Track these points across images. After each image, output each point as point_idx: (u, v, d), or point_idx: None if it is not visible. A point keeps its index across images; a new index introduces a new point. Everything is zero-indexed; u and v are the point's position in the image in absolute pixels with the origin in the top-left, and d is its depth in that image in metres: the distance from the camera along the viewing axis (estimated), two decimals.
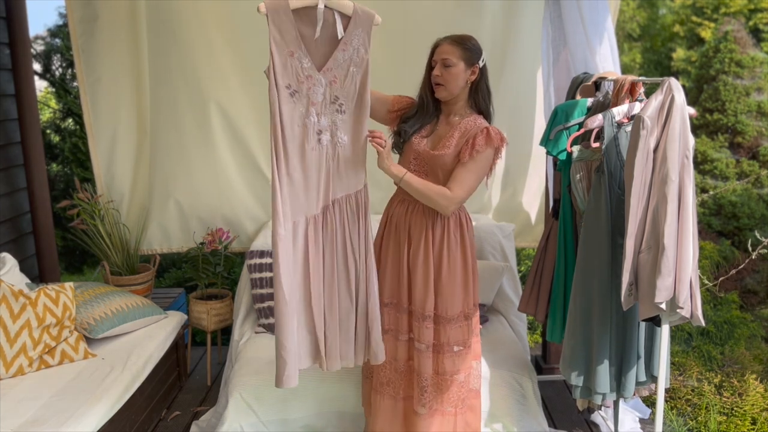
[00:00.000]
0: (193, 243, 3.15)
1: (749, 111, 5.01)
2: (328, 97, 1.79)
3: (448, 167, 1.90)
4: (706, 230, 4.72)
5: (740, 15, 6.14)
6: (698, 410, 2.72)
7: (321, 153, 1.80)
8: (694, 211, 1.87)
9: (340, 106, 1.81)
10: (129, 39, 3.04)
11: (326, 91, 1.78)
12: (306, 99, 1.76)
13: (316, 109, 1.77)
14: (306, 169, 1.79)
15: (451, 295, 1.94)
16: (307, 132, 1.77)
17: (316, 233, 1.83)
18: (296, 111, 1.75)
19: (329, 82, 1.78)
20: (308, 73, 1.75)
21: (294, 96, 1.74)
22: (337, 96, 1.80)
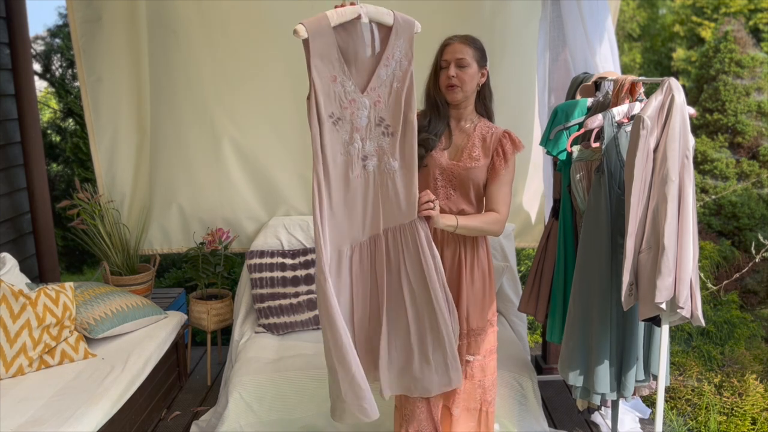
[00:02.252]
0: (194, 243, 3.15)
1: (749, 111, 5.01)
2: (373, 120, 1.64)
3: (480, 179, 1.85)
4: (706, 230, 4.72)
5: (740, 15, 6.14)
6: (698, 410, 2.72)
7: (367, 180, 1.66)
8: (694, 211, 1.87)
9: (386, 128, 1.65)
10: (130, 39, 3.04)
11: (371, 114, 1.63)
12: (349, 125, 1.61)
13: (361, 135, 1.63)
14: (351, 199, 1.65)
15: (481, 308, 1.91)
16: (351, 160, 1.63)
17: (362, 260, 1.69)
18: (339, 139, 1.61)
19: (373, 103, 1.63)
20: (351, 96, 1.60)
21: (337, 124, 1.60)
22: (383, 117, 1.65)
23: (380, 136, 1.66)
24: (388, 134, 1.66)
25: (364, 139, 1.64)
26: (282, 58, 3.00)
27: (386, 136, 1.66)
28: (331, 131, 1.59)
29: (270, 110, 3.12)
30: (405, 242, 1.68)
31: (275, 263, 2.95)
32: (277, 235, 3.11)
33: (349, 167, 1.63)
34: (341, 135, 1.61)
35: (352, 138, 1.62)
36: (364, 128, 1.63)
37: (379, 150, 1.66)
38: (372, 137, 1.65)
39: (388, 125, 1.65)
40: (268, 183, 3.22)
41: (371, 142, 1.65)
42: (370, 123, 1.64)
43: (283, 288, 2.88)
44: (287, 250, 3.04)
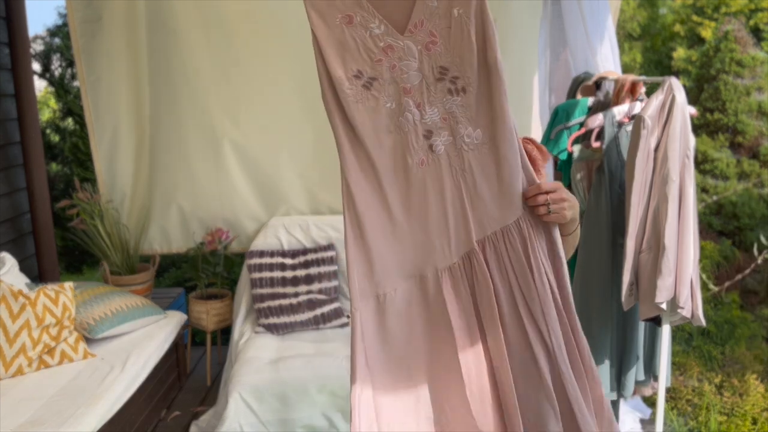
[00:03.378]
0: (193, 243, 3.15)
1: (750, 110, 5.01)
2: (430, 72, 1.11)
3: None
4: (706, 230, 4.71)
5: (741, 14, 6.13)
6: (699, 410, 2.72)
7: (439, 167, 1.13)
8: (695, 210, 1.87)
9: (453, 81, 1.11)
10: (130, 39, 3.04)
11: (423, 64, 1.10)
12: (393, 86, 1.11)
13: (414, 99, 1.11)
14: (418, 200, 1.13)
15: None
16: (407, 139, 1.12)
17: (458, 292, 1.15)
18: (380, 111, 1.11)
19: (424, 47, 1.10)
20: (386, 41, 1.09)
21: (371, 87, 1.10)
22: (445, 67, 1.10)
23: (446, 95, 1.12)
24: (458, 91, 1.12)
25: (420, 105, 1.11)
26: (282, 58, 2.99)
27: (455, 94, 1.12)
28: (364, 100, 1.10)
29: (270, 110, 3.12)
30: (512, 256, 1.14)
31: (275, 263, 2.94)
32: (277, 235, 3.10)
33: (406, 151, 1.12)
34: (382, 103, 1.11)
35: (402, 105, 1.11)
36: (417, 88, 1.11)
37: (448, 118, 1.12)
38: (433, 99, 1.12)
39: (456, 77, 1.10)
40: (268, 183, 3.22)
41: (433, 107, 1.12)
42: (426, 78, 1.11)
43: (282, 288, 2.87)
44: (287, 250, 3.03)
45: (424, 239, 1.15)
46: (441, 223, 1.14)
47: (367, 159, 1.12)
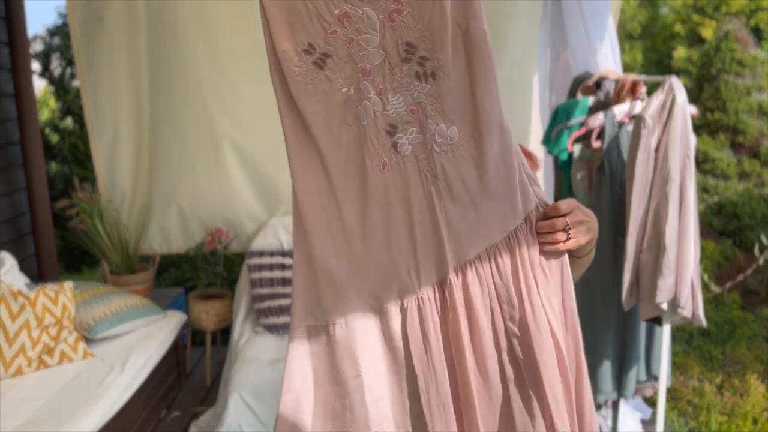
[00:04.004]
0: (193, 243, 3.15)
1: (750, 110, 5.00)
2: (394, 50, 0.86)
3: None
4: (707, 230, 4.71)
5: (741, 14, 6.13)
6: (699, 410, 2.71)
7: (404, 171, 0.89)
8: (695, 210, 1.86)
9: (421, 63, 0.86)
10: (130, 39, 3.04)
11: (386, 39, 0.85)
12: (350, 65, 0.86)
13: (375, 83, 0.87)
14: (376, 214, 0.90)
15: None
16: (365, 134, 0.88)
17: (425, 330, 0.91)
18: (335, 96, 0.87)
19: (388, 17, 0.85)
20: (342, 8, 0.85)
21: (324, 66, 0.86)
22: (412, 43, 0.85)
23: (413, 81, 0.86)
24: (427, 76, 0.86)
25: (382, 92, 0.87)
26: None
27: (423, 79, 0.86)
28: (315, 82, 0.86)
29: (270, 109, 3.09)
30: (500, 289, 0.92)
31: (275, 263, 2.94)
32: (277, 235, 3.10)
33: (364, 150, 0.88)
34: (337, 87, 0.86)
35: (361, 90, 0.86)
36: (378, 69, 0.86)
37: (416, 110, 0.87)
38: (398, 86, 0.87)
39: (424, 57, 0.85)
40: (267, 183, 3.22)
41: (398, 95, 0.87)
42: (389, 57, 0.86)
43: (282, 288, 2.87)
44: (287, 250, 3.03)
45: (386, 262, 0.90)
46: (406, 244, 0.90)
47: (317, 157, 0.88)
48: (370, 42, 0.86)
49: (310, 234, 0.90)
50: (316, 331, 0.93)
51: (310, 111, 0.87)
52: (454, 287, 0.91)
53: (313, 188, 0.90)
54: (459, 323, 0.90)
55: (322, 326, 0.93)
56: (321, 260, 0.90)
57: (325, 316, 0.92)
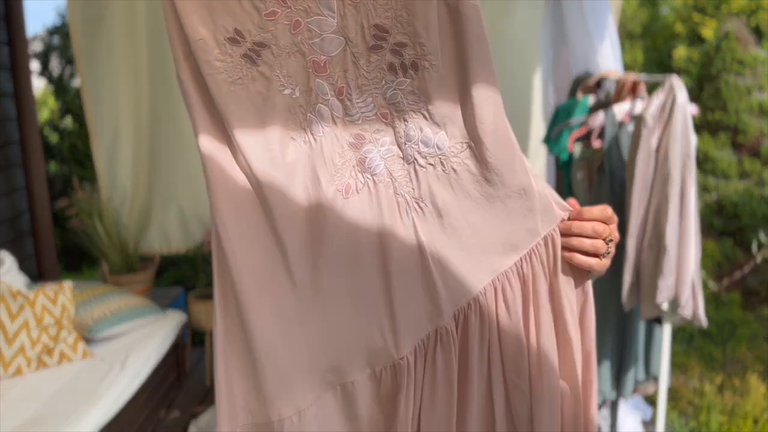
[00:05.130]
0: (193, 243, 3.15)
1: (751, 110, 5.00)
2: (359, 36, 0.65)
3: None
4: (707, 230, 4.70)
5: (742, 14, 6.12)
6: (699, 411, 2.71)
7: (376, 197, 0.69)
8: (696, 210, 1.86)
9: (398, 51, 0.66)
10: (130, 38, 3.03)
11: (348, 21, 0.65)
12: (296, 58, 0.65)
13: (332, 80, 0.66)
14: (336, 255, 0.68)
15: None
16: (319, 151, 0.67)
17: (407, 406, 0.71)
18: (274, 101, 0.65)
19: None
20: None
21: (258, 60, 0.64)
22: (383, 26, 0.65)
23: (385, 75, 0.67)
24: (406, 67, 0.66)
25: (344, 92, 0.67)
26: None
27: (401, 72, 0.66)
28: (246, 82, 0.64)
29: None
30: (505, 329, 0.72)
31: None
32: None
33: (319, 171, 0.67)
34: (277, 88, 0.65)
35: (312, 91, 0.66)
36: (337, 62, 0.66)
37: (390, 113, 0.68)
38: (365, 82, 0.67)
39: (402, 44, 0.65)
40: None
41: (365, 95, 0.67)
42: (352, 46, 0.66)
43: None
44: None
45: (350, 323, 0.68)
46: (379, 295, 0.68)
47: (252, 184, 0.64)
48: (324, 26, 0.63)
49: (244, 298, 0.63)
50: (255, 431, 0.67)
51: (240, 122, 0.62)
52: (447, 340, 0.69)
53: (246, 231, 0.64)
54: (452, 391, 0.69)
55: (263, 425, 0.66)
56: (259, 334, 0.64)
57: (265, 410, 0.66)
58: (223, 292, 0.66)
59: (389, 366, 0.69)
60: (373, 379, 0.69)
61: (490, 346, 0.71)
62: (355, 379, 0.69)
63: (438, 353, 0.70)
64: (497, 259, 0.70)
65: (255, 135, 0.64)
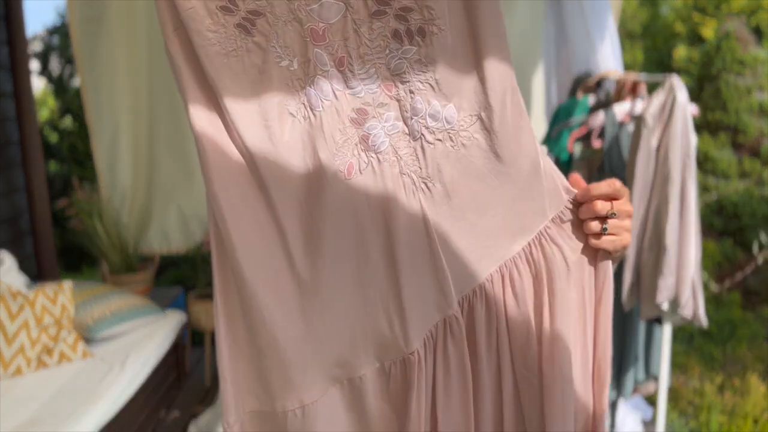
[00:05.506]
0: (193, 243, 3.15)
1: (751, 110, 5.00)
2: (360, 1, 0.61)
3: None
4: (708, 230, 4.70)
5: (742, 14, 6.12)
6: (700, 411, 2.71)
7: (381, 176, 0.64)
8: (696, 210, 1.86)
9: (403, 17, 0.62)
10: (130, 38, 3.03)
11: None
12: (293, 27, 0.61)
13: (332, 50, 0.62)
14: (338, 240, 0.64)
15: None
16: (319, 127, 0.62)
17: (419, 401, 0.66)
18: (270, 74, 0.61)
19: None
20: None
21: (253, 30, 0.60)
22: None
23: (390, 43, 0.63)
24: (413, 34, 0.62)
25: (344, 62, 0.62)
26: None
27: (407, 40, 0.62)
28: (241, 54, 0.61)
29: None
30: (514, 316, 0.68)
31: None
32: None
33: (319, 149, 0.62)
34: (274, 60, 0.61)
35: (311, 63, 0.62)
36: (337, 30, 0.62)
37: (395, 85, 0.64)
38: (368, 52, 0.62)
39: (407, 8, 0.62)
40: None
41: (368, 66, 0.63)
42: (353, 12, 0.62)
43: None
44: None
45: (357, 314, 0.64)
46: (386, 283, 0.64)
47: (247, 165, 0.61)
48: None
49: (244, 285, 0.60)
50: (261, 419, 0.65)
51: (234, 97, 0.59)
52: (454, 328, 0.65)
53: (243, 216, 0.60)
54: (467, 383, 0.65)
55: (268, 414, 0.65)
56: (261, 324, 0.61)
57: (270, 399, 0.64)
58: (222, 278, 0.64)
59: (399, 360, 0.65)
60: (381, 374, 0.66)
61: (498, 337, 0.67)
62: (363, 374, 0.66)
63: (449, 344, 0.66)
64: (505, 244, 0.67)
65: (251, 111, 0.60)
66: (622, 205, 0.67)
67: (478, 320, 0.67)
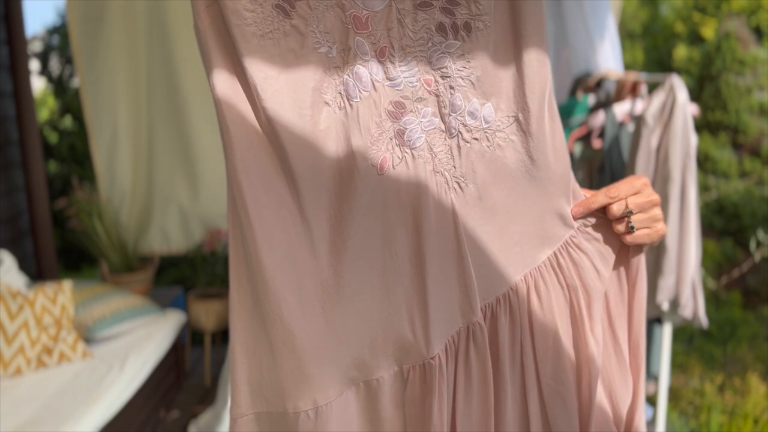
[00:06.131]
0: (193, 243, 3.14)
1: (751, 110, 5.00)
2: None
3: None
4: (708, 230, 4.70)
5: (742, 13, 6.12)
6: (700, 411, 2.71)
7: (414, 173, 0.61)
8: (697, 210, 1.86)
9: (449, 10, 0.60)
10: (129, 38, 3.03)
11: None
12: (333, 13, 0.58)
13: (374, 39, 0.59)
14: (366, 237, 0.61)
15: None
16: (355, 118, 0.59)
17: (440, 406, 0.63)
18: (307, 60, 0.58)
19: None
20: None
21: (292, 13, 0.57)
22: None
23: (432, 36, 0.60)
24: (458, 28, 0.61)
25: (385, 53, 0.60)
26: None
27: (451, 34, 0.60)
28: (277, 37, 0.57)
29: None
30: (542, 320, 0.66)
31: None
32: None
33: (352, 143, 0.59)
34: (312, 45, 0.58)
35: (350, 51, 0.59)
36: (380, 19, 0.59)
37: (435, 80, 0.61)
38: (410, 44, 0.60)
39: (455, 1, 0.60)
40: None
41: (408, 58, 0.60)
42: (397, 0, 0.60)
43: None
44: None
45: (379, 314, 0.62)
46: (411, 285, 0.62)
47: (277, 153, 0.58)
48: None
49: (261, 276, 0.58)
50: (269, 420, 0.62)
51: (267, 80, 0.56)
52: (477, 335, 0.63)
53: (269, 206, 0.58)
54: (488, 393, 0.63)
55: (278, 415, 0.61)
56: (278, 317, 0.59)
57: (281, 400, 0.61)
58: (238, 271, 0.61)
59: (418, 365, 0.63)
60: (399, 378, 0.63)
61: (523, 348, 0.65)
62: (380, 377, 0.63)
63: (471, 351, 0.63)
64: (532, 251, 0.65)
65: (284, 96, 0.57)
66: (641, 198, 0.66)
67: (501, 330, 0.64)
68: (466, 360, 0.64)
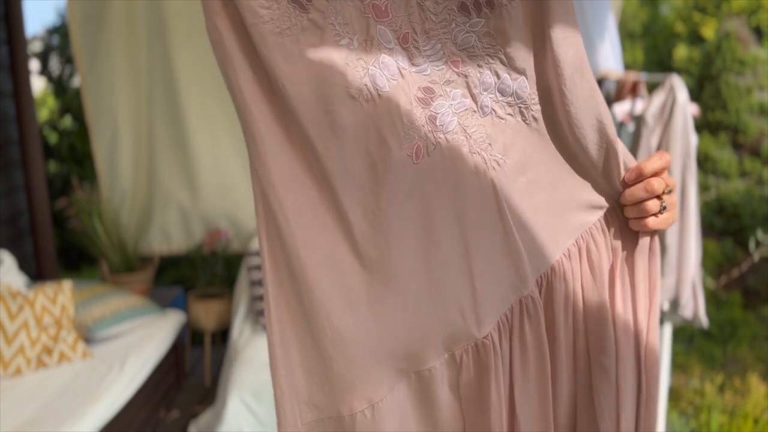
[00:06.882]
0: (193, 243, 3.15)
1: (751, 109, 5.00)
2: None
3: None
4: (708, 229, 4.70)
5: (742, 13, 6.12)
6: (700, 411, 2.71)
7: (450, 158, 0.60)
8: (697, 210, 1.86)
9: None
10: (130, 38, 3.03)
11: None
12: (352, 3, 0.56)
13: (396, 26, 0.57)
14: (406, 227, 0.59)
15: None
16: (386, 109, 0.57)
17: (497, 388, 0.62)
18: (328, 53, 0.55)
19: None
20: None
21: (309, 6, 0.54)
22: None
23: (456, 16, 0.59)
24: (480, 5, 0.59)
25: (409, 39, 0.58)
26: None
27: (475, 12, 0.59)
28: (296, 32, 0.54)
29: None
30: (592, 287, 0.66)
31: None
32: None
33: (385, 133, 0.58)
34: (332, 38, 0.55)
35: (373, 40, 0.57)
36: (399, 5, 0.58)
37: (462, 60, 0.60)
38: (433, 27, 0.59)
39: None
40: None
41: (433, 41, 0.59)
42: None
43: None
44: None
45: (426, 303, 0.60)
46: (458, 269, 0.60)
47: (307, 154, 0.57)
48: None
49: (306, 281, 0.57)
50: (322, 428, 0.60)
51: (290, 79, 0.54)
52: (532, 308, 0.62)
53: (304, 207, 0.57)
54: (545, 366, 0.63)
55: (332, 421, 0.60)
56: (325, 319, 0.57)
57: (334, 404, 0.59)
58: (276, 279, 0.59)
59: (471, 347, 0.62)
60: (452, 364, 0.62)
61: (575, 316, 0.64)
62: (432, 366, 0.61)
63: (526, 325, 0.63)
64: (582, 215, 0.64)
65: (307, 96, 0.55)
66: (668, 178, 0.65)
67: (557, 299, 0.63)
68: (521, 335, 0.63)
